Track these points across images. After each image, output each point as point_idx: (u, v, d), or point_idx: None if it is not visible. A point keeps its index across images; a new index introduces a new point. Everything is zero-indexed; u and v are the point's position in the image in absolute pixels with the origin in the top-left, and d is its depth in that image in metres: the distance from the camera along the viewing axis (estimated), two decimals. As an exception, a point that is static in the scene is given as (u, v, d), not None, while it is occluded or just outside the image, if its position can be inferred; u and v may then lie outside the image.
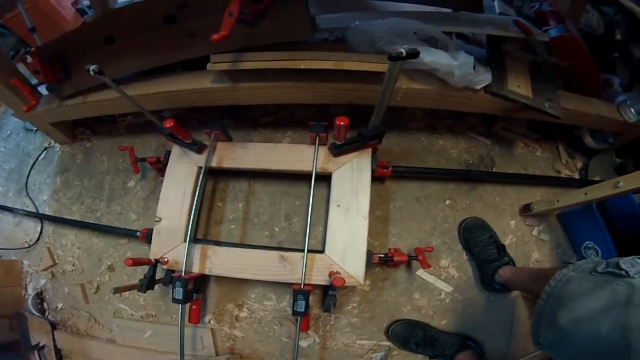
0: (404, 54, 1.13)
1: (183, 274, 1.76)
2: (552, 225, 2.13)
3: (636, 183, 1.46)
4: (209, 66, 1.75)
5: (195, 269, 1.85)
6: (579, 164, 2.27)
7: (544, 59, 1.86)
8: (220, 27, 1.43)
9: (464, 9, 2.32)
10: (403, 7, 2.51)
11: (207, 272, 1.86)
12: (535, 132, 2.28)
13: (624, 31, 2.31)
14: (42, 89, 2.19)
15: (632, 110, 1.93)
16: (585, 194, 1.70)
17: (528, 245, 2.10)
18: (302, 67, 1.66)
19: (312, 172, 1.83)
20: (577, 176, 2.24)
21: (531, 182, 2.20)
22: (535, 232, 2.11)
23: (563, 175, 2.23)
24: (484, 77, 1.75)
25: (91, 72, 1.32)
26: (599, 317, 0.91)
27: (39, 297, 2.37)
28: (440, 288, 2.05)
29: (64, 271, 2.36)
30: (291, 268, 1.80)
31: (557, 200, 1.87)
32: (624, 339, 0.83)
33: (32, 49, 1.95)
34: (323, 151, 1.89)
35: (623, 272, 0.92)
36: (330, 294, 1.72)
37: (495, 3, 2.27)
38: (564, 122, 1.93)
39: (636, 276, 0.90)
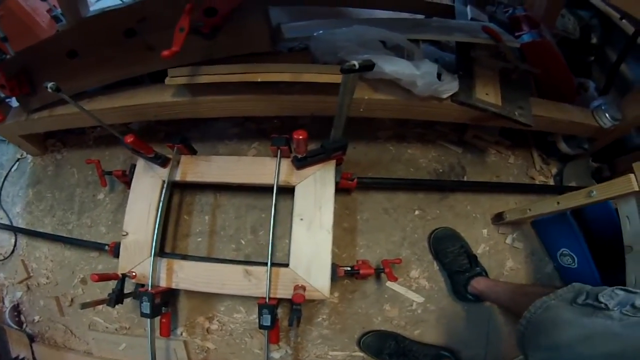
0: (357, 66, 1.10)
1: (150, 289, 1.76)
2: (526, 233, 2.10)
3: (610, 192, 1.44)
4: (167, 81, 1.73)
5: (163, 283, 1.84)
6: (554, 170, 2.24)
7: (515, 66, 1.84)
8: (172, 43, 1.41)
9: (437, 15, 2.29)
10: (375, 14, 2.48)
11: (174, 286, 1.84)
12: (508, 139, 2.25)
13: (599, 35, 2.29)
14: (13, 101, 2.18)
15: (607, 115, 1.90)
16: (558, 203, 1.67)
17: (502, 254, 2.08)
18: (259, 79, 1.63)
19: (274, 185, 1.80)
20: (552, 182, 2.21)
21: (504, 189, 2.18)
22: (508, 240, 2.09)
23: (537, 182, 2.20)
24: (450, 86, 1.72)
25: (49, 90, 1.31)
26: (578, 345, 0.91)
27: (16, 309, 2.35)
28: (412, 299, 2.02)
29: (38, 284, 2.34)
30: (256, 282, 1.78)
31: (530, 209, 1.83)
32: None
33: (7, 56, 1.94)
34: (286, 164, 1.87)
35: (602, 305, 0.93)
36: (295, 308, 1.68)
37: (468, 9, 2.23)
38: (537, 129, 1.91)
39: (615, 309, 0.91)
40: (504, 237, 2.10)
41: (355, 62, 1.10)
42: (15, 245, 2.44)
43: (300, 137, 1.58)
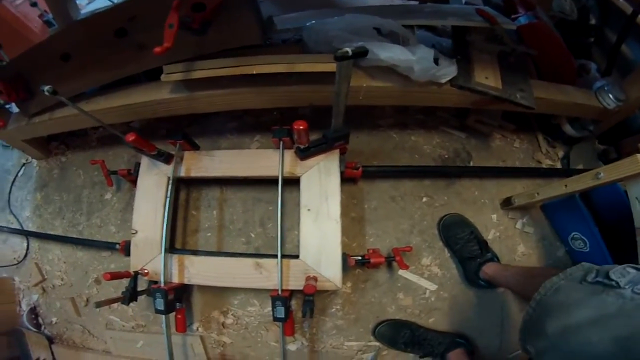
0: (350, 53, 1.09)
1: (162, 285, 1.77)
2: (536, 217, 2.09)
3: (617, 174, 1.42)
4: (163, 77, 1.74)
5: (175, 279, 1.85)
6: (560, 153, 2.22)
7: (512, 49, 1.82)
8: (163, 39, 1.41)
9: (430, 1, 2.28)
10: (368, 2, 2.47)
11: (186, 281, 1.85)
12: (511, 122, 2.23)
13: (598, 16, 2.27)
14: (13, 107, 2.19)
15: (611, 96, 1.88)
16: (566, 186, 1.65)
17: (512, 239, 2.06)
18: (255, 72, 1.63)
19: (279, 177, 1.80)
20: (559, 165, 2.20)
21: (511, 174, 2.16)
22: (519, 225, 2.07)
23: (544, 166, 2.19)
24: (449, 70, 1.71)
25: (46, 93, 1.30)
26: (587, 327, 0.89)
27: (33, 312, 2.37)
28: (424, 287, 2.02)
29: (53, 286, 2.36)
30: (267, 275, 1.79)
31: (538, 193, 1.83)
32: (620, 348, 0.81)
33: (3, 63, 1.95)
34: (290, 155, 1.87)
35: (613, 283, 0.90)
36: (307, 299, 1.71)
37: (462, -8, 2.22)
38: (540, 112, 1.89)
39: (626, 287, 0.88)
40: (513, 222, 2.09)
41: (349, 49, 1.09)
42: (27, 249, 2.46)
43: (301, 127, 1.58)
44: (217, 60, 1.69)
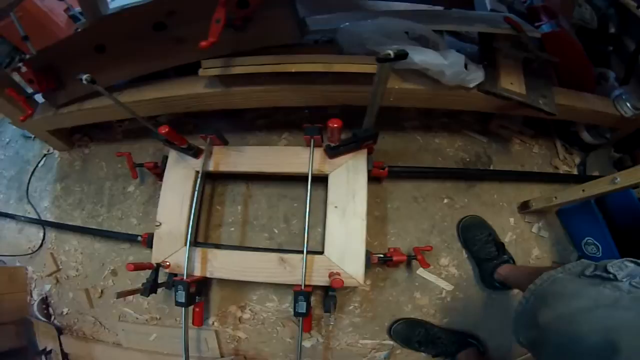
0: (392, 55, 1.13)
1: (185, 278, 1.78)
2: (552, 222, 2.12)
3: (633, 179, 1.46)
4: (200, 72, 1.76)
5: (197, 272, 1.87)
6: (577, 160, 2.26)
7: (536, 56, 1.86)
8: (209, 34, 1.44)
9: (456, 6, 2.31)
10: (394, 6, 2.50)
11: (208, 275, 1.87)
12: (531, 128, 2.27)
13: (617, 24, 2.29)
14: (39, 97, 2.20)
15: (628, 104, 1.91)
16: (583, 190, 1.70)
17: (528, 243, 2.10)
18: (293, 70, 1.66)
19: (308, 174, 1.83)
20: (575, 172, 2.23)
21: (529, 179, 2.20)
22: (534, 229, 2.11)
23: (561, 171, 2.23)
24: (476, 76, 1.74)
25: (84, 82, 1.32)
26: (579, 317, 0.89)
27: (44, 302, 2.38)
28: (441, 287, 2.05)
29: (68, 276, 2.37)
30: (291, 270, 1.81)
31: (555, 197, 1.87)
32: (608, 340, 0.81)
33: (27, 56, 1.96)
34: (319, 153, 1.89)
35: (611, 276, 0.90)
36: (331, 294, 1.73)
37: (487, 0, 2.25)
38: (560, 119, 1.92)
39: (624, 280, 0.88)
40: (530, 225, 2.13)
41: (391, 51, 1.13)
42: (43, 239, 2.47)
43: (335, 125, 1.62)
44: (257, 58, 1.72)
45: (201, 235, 2.19)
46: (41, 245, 2.46)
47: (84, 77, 1.32)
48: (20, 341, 2.29)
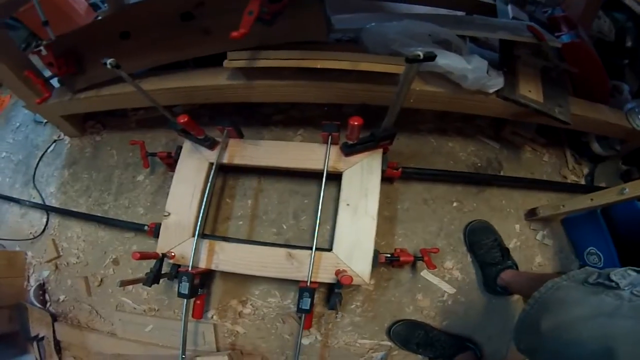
0: (421, 56, 1.14)
1: (190, 269, 1.77)
2: (556, 230, 2.14)
3: (641, 190, 1.47)
4: (226, 63, 1.76)
5: (202, 264, 1.86)
6: (585, 170, 2.28)
7: (555, 65, 1.89)
8: (240, 25, 1.44)
9: (478, 12, 2.33)
10: (415, 9, 2.52)
11: (213, 267, 1.87)
12: (543, 136, 2.30)
13: (634, 38, 2.30)
14: (54, 82, 2.20)
15: (640, 117, 1.94)
16: (591, 199, 1.72)
17: (531, 250, 2.11)
18: (319, 66, 1.67)
19: (322, 170, 1.84)
20: (583, 182, 2.26)
21: (537, 186, 2.22)
22: (539, 237, 2.13)
23: (569, 181, 2.25)
24: (497, 81, 1.76)
25: (108, 66, 1.32)
26: (580, 324, 0.92)
27: (41, 288, 2.37)
28: (444, 289, 2.06)
29: (67, 263, 2.36)
30: (298, 265, 1.81)
31: (563, 205, 1.89)
32: (606, 348, 0.83)
33: (44, 42, 1.96)
34: (334, 150, 1.90)
35: (613, 284, 0.93)
36: (337, 291, 1.74)
37: (509, 8, 2.26)
38: (573, 128, 1.94)
39: (626, 288, 0.90)
40: (534, 233, 2.14)
41: (420, 53, 1.14)
42: (46, 224, 2.46)
43: (356, 123, 1.63)
44: (283, 52, 1.72)
45: (208, 228, 2.18)
46: (43, 230, 2.45)
47: (109, 61, 1.32)
48: (13, 326, 2.28)
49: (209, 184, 1.89)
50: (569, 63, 1.93)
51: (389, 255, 1.88)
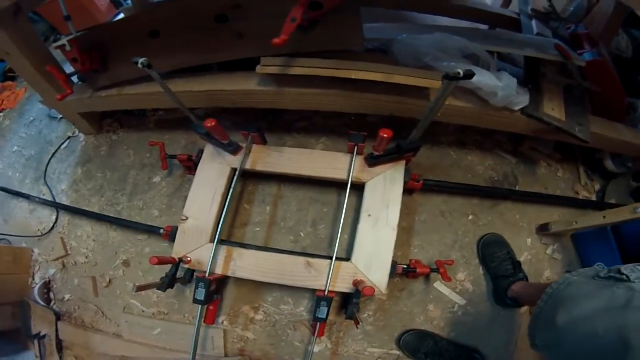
0: (461, 74, 1.15)
1: (207, 275, 1.76)
2: (566, 245, 2.16)
3: (654, 209, 1.49)
4: (259, 68, 1.76)
5: (219, 270, 1.85)
6: (597, 186, 2.31)
7: (578, 83, 1.91)
8: (281, 31, 1.45)
9: (501, 26, 2.34)
10: (439, 21, 2.54)
11: (230, 273, 1.86)
12: (558, 152, 2.33)
13: (652, 55, 2.33)
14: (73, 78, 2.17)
15: (655, 136, 1.96)
16: (604, 217, 1.76)
17: (541, 264, 2.14)
18: (353, 76, 1.67)
19: (346, 180, 1.85)
20: (594, 198, 2.28)
21: (550, 201, 2.24)
22: (549, 251, 2.15)
23: (581, 197, 2.27)
24: (523, 99, 1.78)
25: (139, 65, 1.32)
26: (596, 317, 0.94)
27: (46, 286, 2.34)
28: (454, 300, 2.08)
29: (75, 262, 2.34)
30: (316, 274, 1.81)
31: (576, 222, 1.92)
32: (620, 338, 0.86)
33: (64, 37, 1.94)
34: (359, 161, 1.91)
35: (624, 277, 0.96)
36: (355, 301, 1.72)
37: (533, 23, 2.28)
38: (590, 146, 1.96)
39: (636, 280, 0.93)
40: (545, 247, 2.17)
41: (460, 70, 1.15)
42: (55, 222, 2.44)
43: (386, 135, 1.63)
44: (317, 60, 1.72)
45: (224, 233, 2.16)
46: (52, 228, 2.43)
47: (140, 60, 1.32)
48: (15, 323, 2.26)
49: (230, 189, 1.89)
50: (590, 81, 1.95)
51: (405, 266, 1.89)
